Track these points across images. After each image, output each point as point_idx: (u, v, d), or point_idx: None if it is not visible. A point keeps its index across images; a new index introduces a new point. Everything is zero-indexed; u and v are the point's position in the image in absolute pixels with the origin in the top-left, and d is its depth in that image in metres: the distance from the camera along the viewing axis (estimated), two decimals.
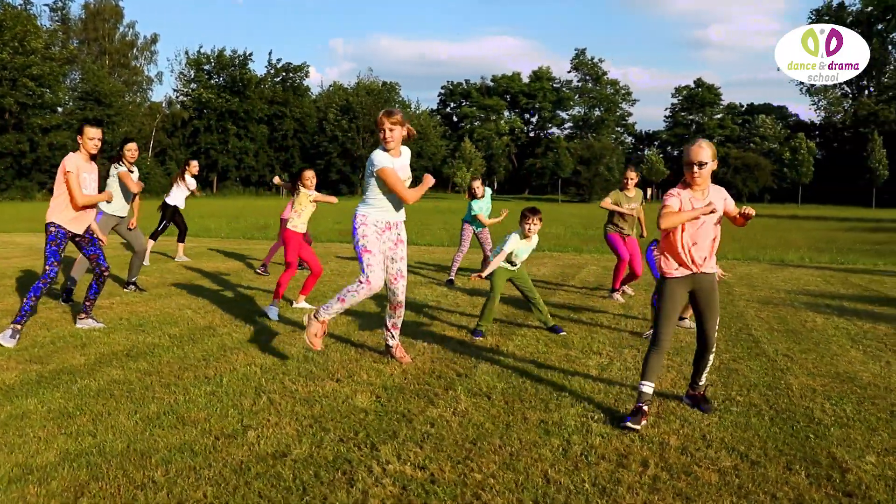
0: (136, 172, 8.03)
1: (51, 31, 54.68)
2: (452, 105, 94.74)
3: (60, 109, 52.16)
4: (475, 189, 9.47)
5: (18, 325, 5.59)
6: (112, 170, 7.77)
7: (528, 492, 3.02)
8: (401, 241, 5.03)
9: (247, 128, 67.18)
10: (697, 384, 4.24)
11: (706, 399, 4.23)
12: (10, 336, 5.48)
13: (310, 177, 7.33)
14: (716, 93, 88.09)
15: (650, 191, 63.79)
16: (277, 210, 31.28)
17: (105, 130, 5.95)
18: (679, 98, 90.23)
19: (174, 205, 11.14)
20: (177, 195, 11.14)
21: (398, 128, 4.80)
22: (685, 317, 6.55)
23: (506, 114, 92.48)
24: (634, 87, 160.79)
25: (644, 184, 58.36)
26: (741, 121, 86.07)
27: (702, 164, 3.90)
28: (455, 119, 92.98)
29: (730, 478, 3.19)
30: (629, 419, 3.83)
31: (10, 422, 3.76)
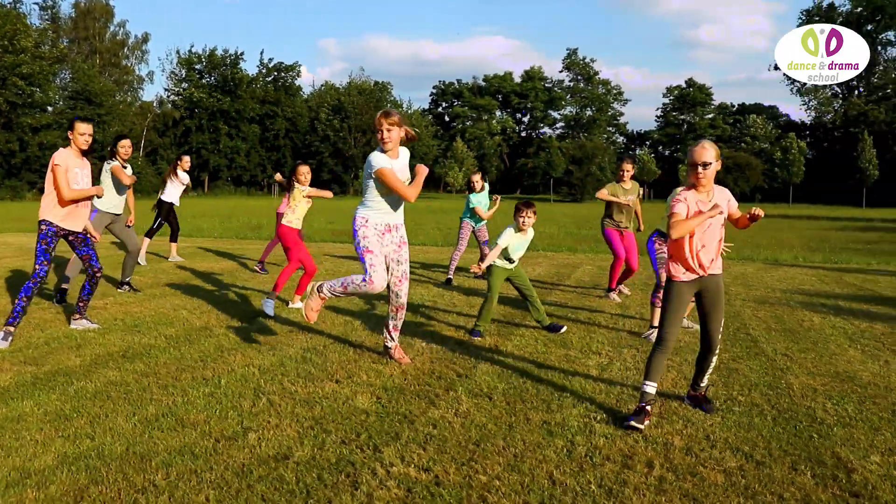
0: (130, 169, 7.97)
1: (41, 30, 54.32)
2: (444, 105, 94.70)
3: (50, 108, 51.84)
4: (474, 183, 9.45)
5: (11, 327, 5.52)
6: (105, 165, 7.71)
7: (535, 493, 2.99)
8: (404, 243, 5.02)
9: (238, 127, 67.00)
10: (699, 385, 4.23)
11: (708, 399, 4.22)
12: (3, 338, 5.42)
13: (304, 172, 7.31)
14: (707, 93, 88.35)
15: (642, 191, 63.84)
16: (269, 210, 31.21)
17: (96, 130, 5.88)
18: (670, 98, 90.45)
19: (170, 202, 11.07)
20: (171, 192, 11.07)
21: (396, 128, 4.77)
22: (684, 316, 6.54)
23: (497, 113, 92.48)
24: (626, 87, 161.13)
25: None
26: (732, 121, 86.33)
27: (706, 165, 3.89)
28: (447, 119, 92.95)
29: (736, 478, 3.18)
30: (632, 418, 3.81)
31: (6, 424, 3.71)
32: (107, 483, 3.02)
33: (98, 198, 7.27)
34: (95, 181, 6.65)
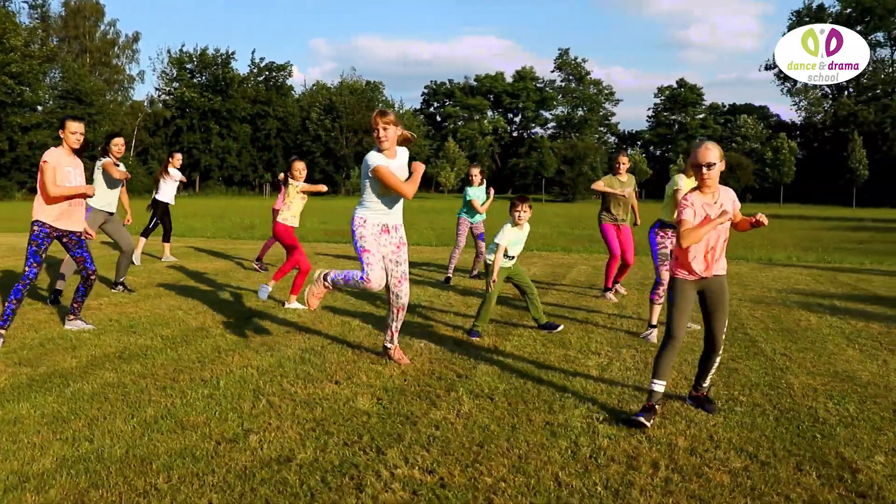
0: (122, 167, 7.92)
1: (30, 29, 53.97)
2: (436, 105, 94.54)
3: (40, 108, 51.50)
4: (473, 176, 9.44)
5: (2, 329, 5.45)
6: (97, 163, 7.66)
7: (541, 495, 2.97)
8: (403, 244, 4.99)
9: (229, 127, 66.78)
10: (702, 385, 4.22)
11: (710, 399, 4.21)
12: None
13: (299, 168, 7.31)
14: (698, 93, 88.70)
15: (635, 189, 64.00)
16: (261, 210, 31.11)
17: (86, 129, 5.83)
18: (661, 98, 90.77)
19: (165, 202, 11.00)
20: (166, 191, 11.00)
21: (392, 127, 4.76)
22: (691, 311, 6.53)
23: (489, 113, 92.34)
24: (617, 87, 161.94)
25: None
26: (723, 121, 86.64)
27: (710, 165, 3.89)
28: (438, 119, 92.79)
29: (741, 479, 3.16)
30: (641, 414, 3.80)
31: (3, 427, 3.65)
32: (107, 486, 2.97)
33: (90, 196, 7.21)
34: (89, 180, 6.59)
